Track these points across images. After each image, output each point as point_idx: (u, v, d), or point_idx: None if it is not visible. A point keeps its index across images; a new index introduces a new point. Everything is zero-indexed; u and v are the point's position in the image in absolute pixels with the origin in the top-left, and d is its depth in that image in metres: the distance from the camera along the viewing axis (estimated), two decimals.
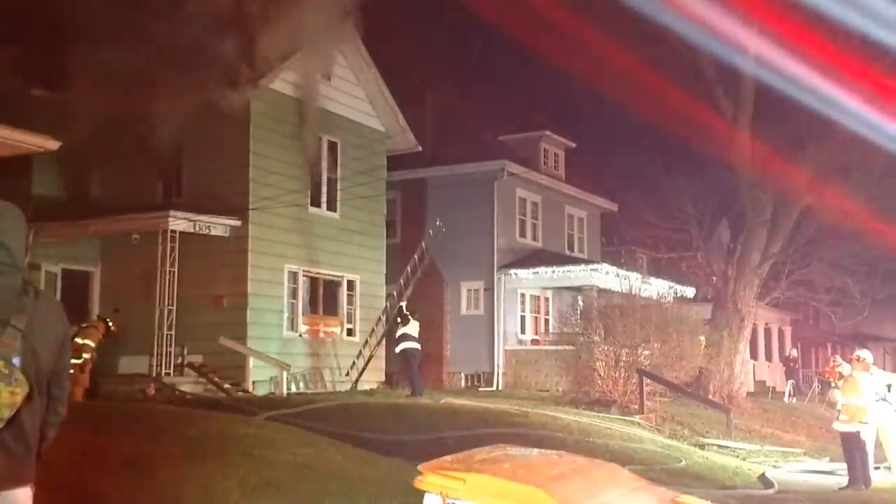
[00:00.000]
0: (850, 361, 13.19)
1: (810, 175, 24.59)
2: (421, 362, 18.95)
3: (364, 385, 21.03)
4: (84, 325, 14.72)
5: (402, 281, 22.74)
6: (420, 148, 24.64)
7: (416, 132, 24.33)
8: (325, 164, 21.88)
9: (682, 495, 5.05)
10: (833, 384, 13.02)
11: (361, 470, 8.25)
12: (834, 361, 13.53)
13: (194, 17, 17.40)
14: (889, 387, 14.38)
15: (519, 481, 4.18)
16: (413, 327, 18.48)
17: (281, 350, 19.60)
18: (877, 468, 14.47)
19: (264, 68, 19.40)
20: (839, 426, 12.74)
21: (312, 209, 21.41)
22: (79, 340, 14.17)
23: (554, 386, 23.11)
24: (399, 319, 19.56)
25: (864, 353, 13.11)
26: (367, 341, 21.89)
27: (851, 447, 12.57)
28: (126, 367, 19.14)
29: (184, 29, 17.29)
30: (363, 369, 21.18)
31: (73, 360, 14.06)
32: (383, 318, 22.49)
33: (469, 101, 31.19)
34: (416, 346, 18.38)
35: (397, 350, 18.64)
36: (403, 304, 20.56)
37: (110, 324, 15.47)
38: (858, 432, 12.50)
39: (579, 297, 25.39)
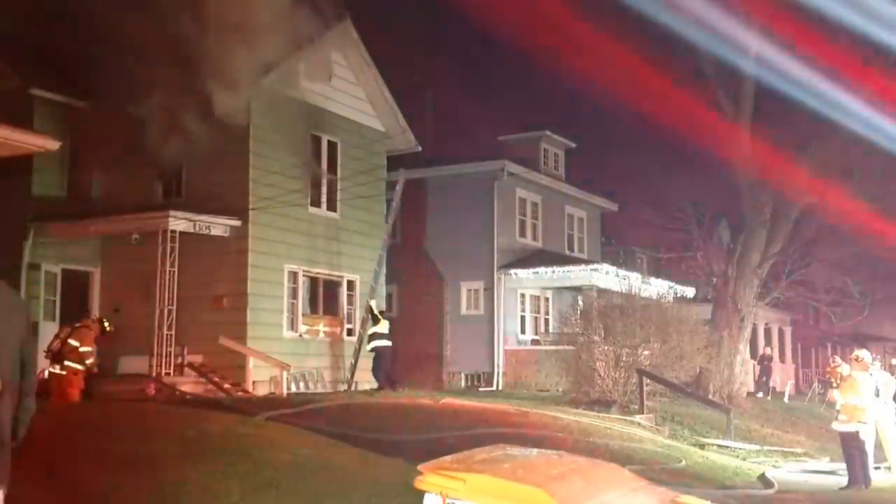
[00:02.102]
0: (849, 361, 13.20)
1: (811, 175, 24.57)
2: (392, 359, 19.85)
3: (364, 385, 21.02)
4: (77, 325, 14.61)
5: (371, 282, 22.57)
6: (420, 148, 24.63)
7: (416, 132, 24.32)
8: (324, 164, 21.88)
9: (682, 495, 5.05)
10: (833, 384, 13.02)
11: (361, 470, 8.25)
12: (834, 362, 13.54)
13: (194, 17, 17.40)
14: (878, 390, 14.41)
15: (519, 481, 4.17)
16: (383, 326, 19.30)
17: (281, 350, 19.59)
18: (877, 468, 14.46)
19: (264, 68, 19.39)
20: (838, 426, 12.73)
21: (312, 209, 21.40)
22: (73, 342, 14.09)
23: (554, 386, 23.09)
24: (370, 318, 19.92)
25: (863, 353, 13.12)
26: (359, 335, 21.91)
27: (851, 447, 12.58)
28: (126, 367, 19.13)
29: (184, 29, 17.29)
30: (354, 368, 21.16)
31: (75, 365, 14.02)
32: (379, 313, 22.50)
33: (469, 101, 31.25)
34: (387, 343, 19.25)
35: (368, 348, 19.50)
36: (373, 303, 20.71)
37: (106, 325, 15.34)
38: (857, 432, 12.50)
39: (579, 297, 25.39)
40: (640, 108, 25.39)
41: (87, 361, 14.15)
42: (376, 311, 19.92)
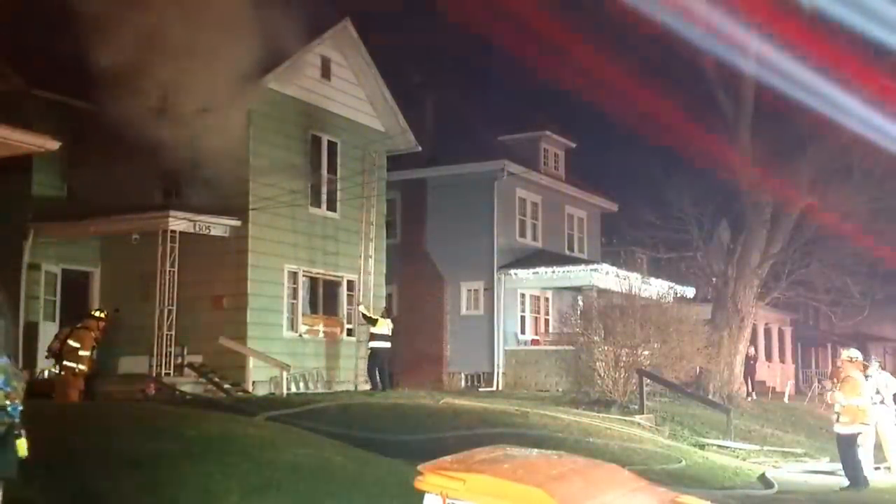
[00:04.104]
0: (841, 363, 13.03)
1: (810, 176, 24.59)
2: (389, 361, 19.54)
3: (364, 385, 21.02)
4: (78, 325, 14.57)
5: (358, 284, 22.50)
6: (420, 148, 24.63)
7: (416, 132, 24.32)
8: (324, 164, 21.87)
9: (682, 495, 5.05)
10: (831, 387, 12.88)
11: (361, 470, 8.26)
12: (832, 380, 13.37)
13: (195, 18, 17.39)
14: (877, 390, 14.40)
15: (519, 481, 4.17)
16: (380, 327, 19.19)
17: (281, 350, 19.59)
18: (877, 468, 14.48)
19: (264, 68, 19.38)
20: (841, 428, 12.36)
21: (312, 209, 21.40)
22: (72, 343, 14.07)
23: (554, 386, 23.10)
24: (366, 319, 19.85)
25: (854, 353, 12.83)
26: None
27: (850, 449, 12.44)
28: (126, 367, 19.13)
29: (185, 30, 17.27)
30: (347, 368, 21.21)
31: (74, 365, 14.00)
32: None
33: (469, 101, 31.20)
34: (385, 345, 19.12)
35: (369, 345, 19.45)
36: (362, 307, 20.68)
37: (100, 315, 15.20)
38: (861, 434, 12.39)
39: (579, 297, 25.38)
40: (641, 109, 25.43)
41: (80, 367, 14.05)
42: (370, 314, 19.97)
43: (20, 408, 3.20)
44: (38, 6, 19.87)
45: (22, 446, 3.26)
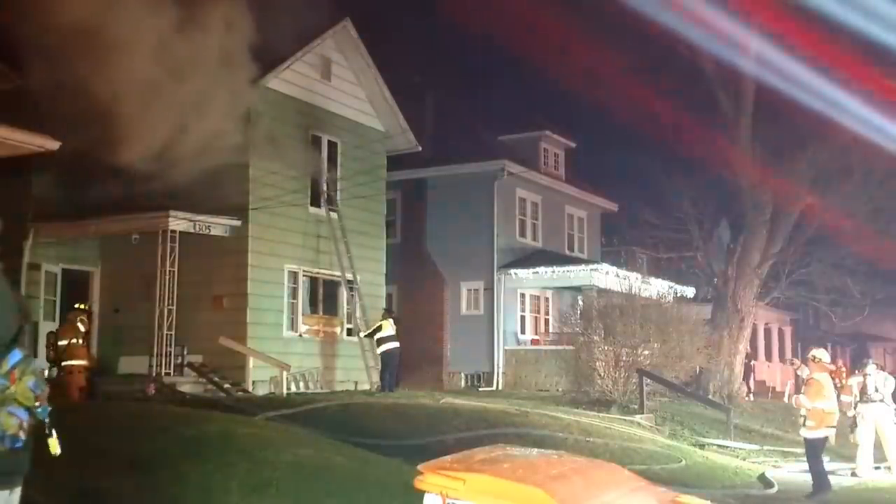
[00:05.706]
0: (805, 363, 12.75)
1: (811, 176, 24.58)
2: (399, 361, 19.45)
3: (364, 385, 21.03)
4: (64, 323, 14.63)
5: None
6: (420, 148, 24.64)
7: (416, 132, 24.33)
8: (324, 165, 21.87)
9: (682, 495, 5.05)
10: (801, 388, 12.56)
11: (361, 470, 8.25)
12: (793, 363, 13.13)
13: (195, 19, 17.38)
14: (876, 388, 14.38)
15: (519, 481, 4.18)
16: (387, 329, 19.13)
17: (281, 350, 19.59)
18: (877, 468, 14.48)
19: (264, 68, 19.38)
20: (808, 433, 11.87)
21: (312, 209, 21.40)
22: (61, 342, 14.09)
23: (554, 386, 23.11)
24: (371, 335, 19.78)
25: (820, 353, 12.36)
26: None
27: (818, 452, 12.00)
28: (126, 367, 19.14)
29: (185, 30, 17.26)
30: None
31: (74, 362, 14.02)
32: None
33: (469, 101, 31.21)
34: (394, 345, 19.06)
35: (378, 351, 19.37)
36: (361, 333, 20.61)
37: (81, 306, 15.21)
38: (827, 438, 12.10)
39: (579, 297, 25.38)
40: (641, 109, 25.41)
41: (76, 362, 14.04)
42: (371, 328, 19.87)
43: (49, 408, 3.29)
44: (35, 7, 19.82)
45: (54, 444, 3.37)
